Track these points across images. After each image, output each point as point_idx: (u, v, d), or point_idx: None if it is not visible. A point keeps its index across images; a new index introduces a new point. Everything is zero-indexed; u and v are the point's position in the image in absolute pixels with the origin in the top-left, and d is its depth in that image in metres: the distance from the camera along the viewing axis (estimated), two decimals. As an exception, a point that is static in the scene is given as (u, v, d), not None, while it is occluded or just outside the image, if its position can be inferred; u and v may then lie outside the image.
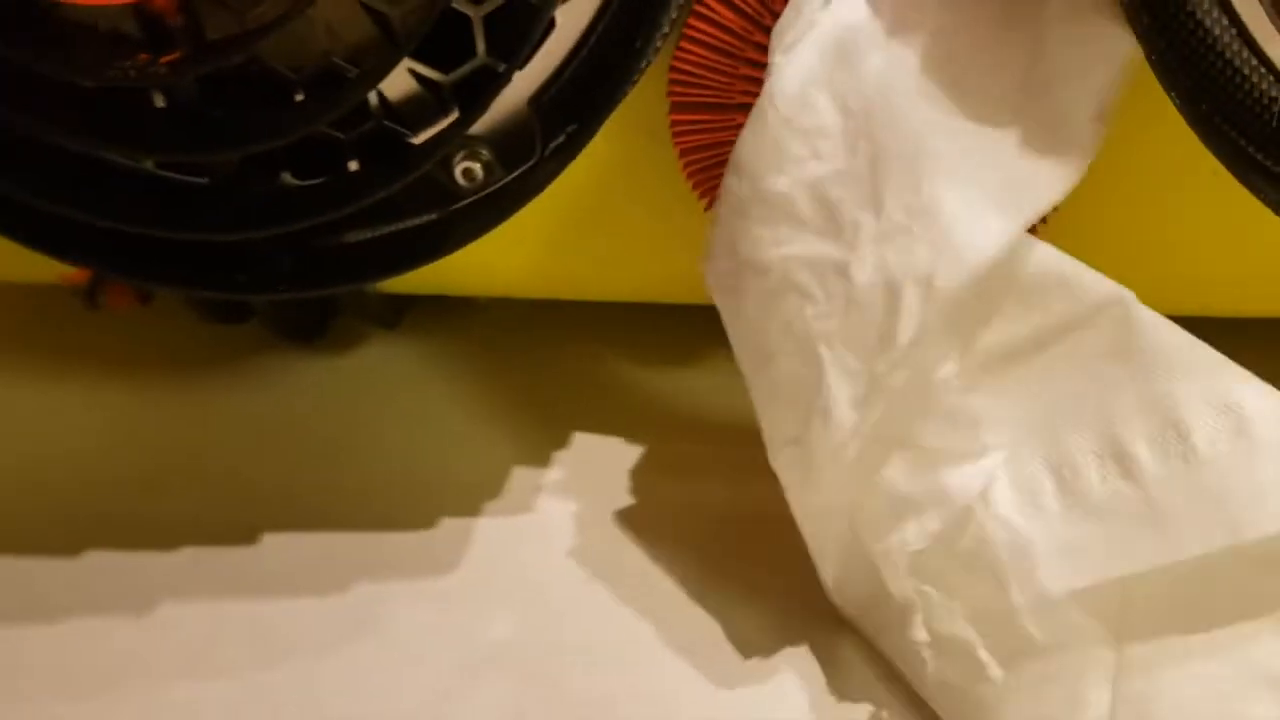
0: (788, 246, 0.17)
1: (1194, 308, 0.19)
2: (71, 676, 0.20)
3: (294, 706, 0.20)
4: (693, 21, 0.20)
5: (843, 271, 0.17)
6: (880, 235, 0.16)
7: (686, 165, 0.21)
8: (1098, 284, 0.17)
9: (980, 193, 0.16)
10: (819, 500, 0.18)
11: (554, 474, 0.24)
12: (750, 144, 0.17)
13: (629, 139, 0.22)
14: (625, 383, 0.23)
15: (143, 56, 0.18)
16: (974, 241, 0.16)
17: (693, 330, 0.24)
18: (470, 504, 0.24)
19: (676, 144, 0.21)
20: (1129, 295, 0.17)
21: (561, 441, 0.25)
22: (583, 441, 0.25)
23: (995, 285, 0.17)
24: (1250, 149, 0.18)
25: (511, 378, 0.27)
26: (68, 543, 0.23)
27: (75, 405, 0.27)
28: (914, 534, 0.17)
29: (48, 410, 0.27)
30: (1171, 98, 0.18)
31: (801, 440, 0.17)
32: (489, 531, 0.23)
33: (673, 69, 0.21)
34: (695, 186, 0.22)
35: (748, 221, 0.17)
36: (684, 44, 0.20)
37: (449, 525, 0.23)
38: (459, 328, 0.29)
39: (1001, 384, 0.17)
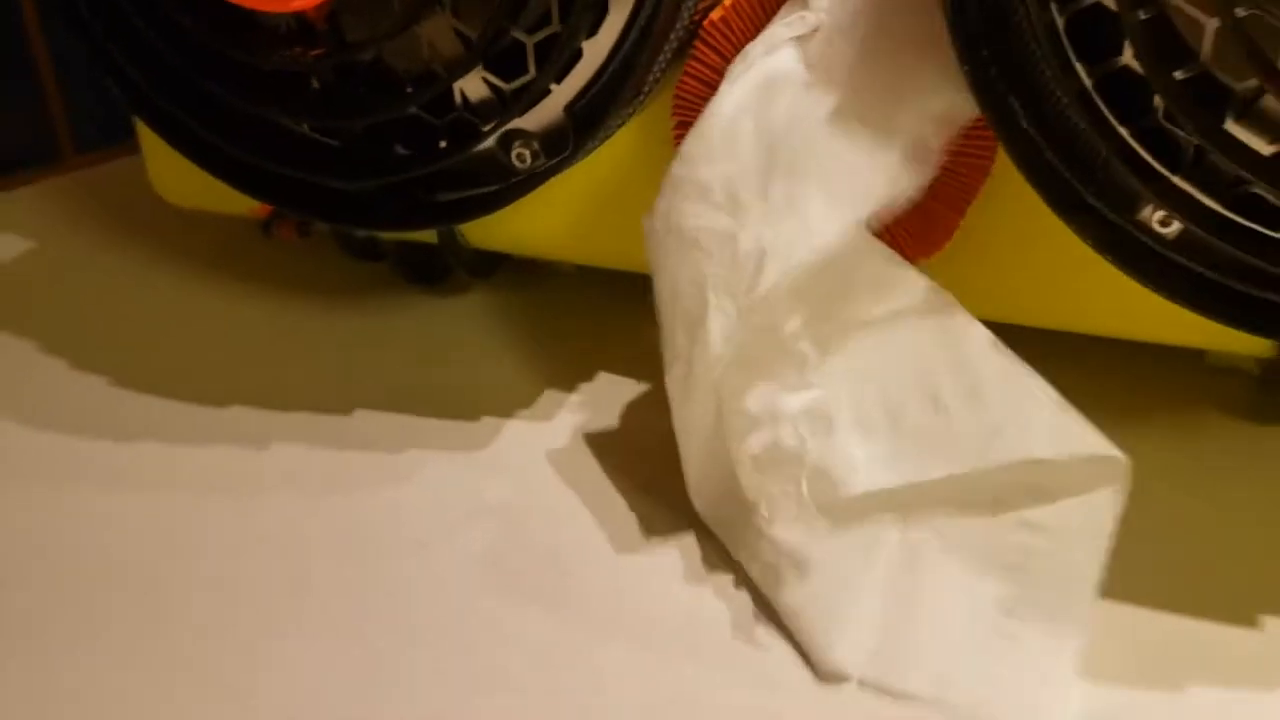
0: (701, 219, 0.24)
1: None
2: (230, 486, 0.29)
3: (347, 515, 0.28)
4: (690, 63, 0.27)
5: (733, 239, 0.23)
6: (762, 217, 0.23)
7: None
8: (921, 283, 0.23)
9: (836, 197, 0.23)
10: (690, 412, 0.25)
11: (574, 398, 0.32)
12: (691, 142, 0.24)
13: (646, 142, 0.29)
14: (646, 339, 0.30)
15: (297, 50, 0.27)
16: (823, 229, 0.23)
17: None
18: (507, 408, 0.31)
19: (676, 148, 0.28)
20: (952, 298, 0.23)
21: (588, 376, 0.33)
22: (604, 379, 0.32)
23: (843, 268, 0.23)
24: (1084, 192, 0.24)
25: (564, 325, 0.34)
26: (236, 399, 0.32)
27: (245, 310, 0.36)
28: (756, 442, 0.24)
29: (227, 313, 0.36)
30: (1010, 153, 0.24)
31: (686, 361, 0.24)
32: (514, 427, 0.31)
33: (675, 95, 0.28)
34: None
35: (679, 197, 0.24)
36: (683, 78, 0.28)
37: (488, 420, 0.31)
38: (537, 286, 0.37)
39: (851, 344, 0.24)
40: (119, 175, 0.44)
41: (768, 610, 0.24)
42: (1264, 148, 0.22)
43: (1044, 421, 0.22)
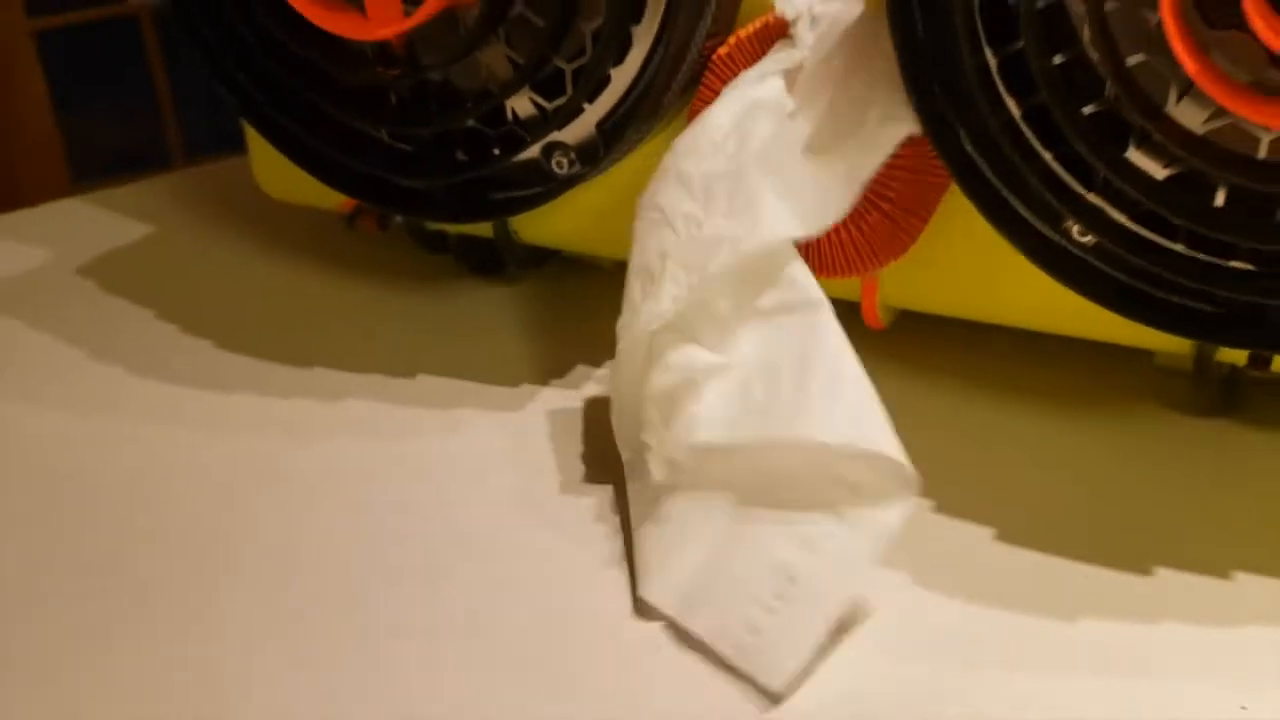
0: (678, 204, 0.29)
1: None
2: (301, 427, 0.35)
3: (407, 456, 0.34)
4: (700, 89, 0.33)
5: (699, 224, 0.28)
6: (726, 212, 0.28)
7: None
8: (808, 286, 0.28)
9: (788, 207, 0.28)
10: (625, 352, 0.29)
11: (600, 371, 0.37)
12: (683, 139, 0.30)
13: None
14: None
15: (379, 69, 0.33)
16: (772, 231, 0.28)
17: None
18: (544, 377, 0.37)
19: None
20: (825, 302, 0.28)
21: (613, 353, 0.38)
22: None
23: (773, 265, 0.28)
24: (1017, 207, 0.29)
25: (597, 310, 0.39)
26: (320, 361, 0.38)
27: (331, 289, 0.42)
28: (658, 384, 0.28)
29: (315, 291, 0.42)
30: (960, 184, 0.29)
31: (634, 311, 0.29)
32: (548, 393, 0.36)
33: (688, 115, 0.33)
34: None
35: (664, 182, 0.29)
36: (695, 101, 0.33)
37: (526, 386, 0.37)
38: (576, 278, 0.42)
39: (747, 328, 0.28)
40: (226, 173, 0.51)
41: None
42: (1159, 172, 0.27)
43: (846, 415, 0.26)
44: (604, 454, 0.33)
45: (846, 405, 0.26)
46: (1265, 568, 0.28)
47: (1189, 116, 0.26)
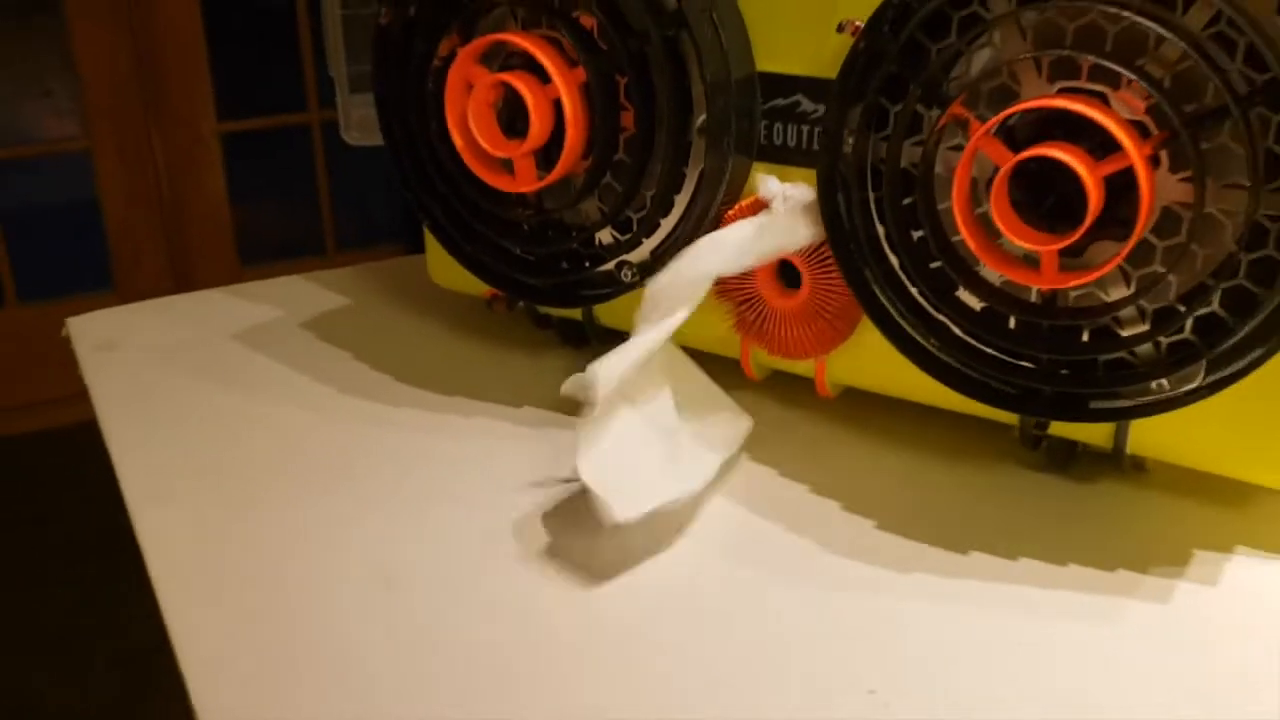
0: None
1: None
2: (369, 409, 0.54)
3: (497, 454, 0.52)
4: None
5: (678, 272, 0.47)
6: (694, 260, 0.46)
7: (719, 293, 0.52)
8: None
9: (725, 260, 0.46)
10: None
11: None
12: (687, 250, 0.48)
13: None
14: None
15: (518, 209, 0.52)
16: (708, 267, 0.46)
17: (723, 369, 0.54)
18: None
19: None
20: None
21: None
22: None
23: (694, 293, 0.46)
24: (900, 322, 0.46)
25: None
26: (459, 393, 0.57)
27: (468, 349, 0.62)
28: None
29: (460, 351, 0.62)
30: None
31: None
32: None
33: (711, 250, 0.52)
34: (719, 295, 0.52)
35: (670, 272, 0.47)
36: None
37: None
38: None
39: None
40: (405, 266, 0.71)
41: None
42: (977, 305, 0.45)
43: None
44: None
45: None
46: (1030, 578, 0.45)
47: (990, 275, 0.44)
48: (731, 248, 0.47)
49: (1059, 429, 0.48)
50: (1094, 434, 0.48)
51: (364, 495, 0.49)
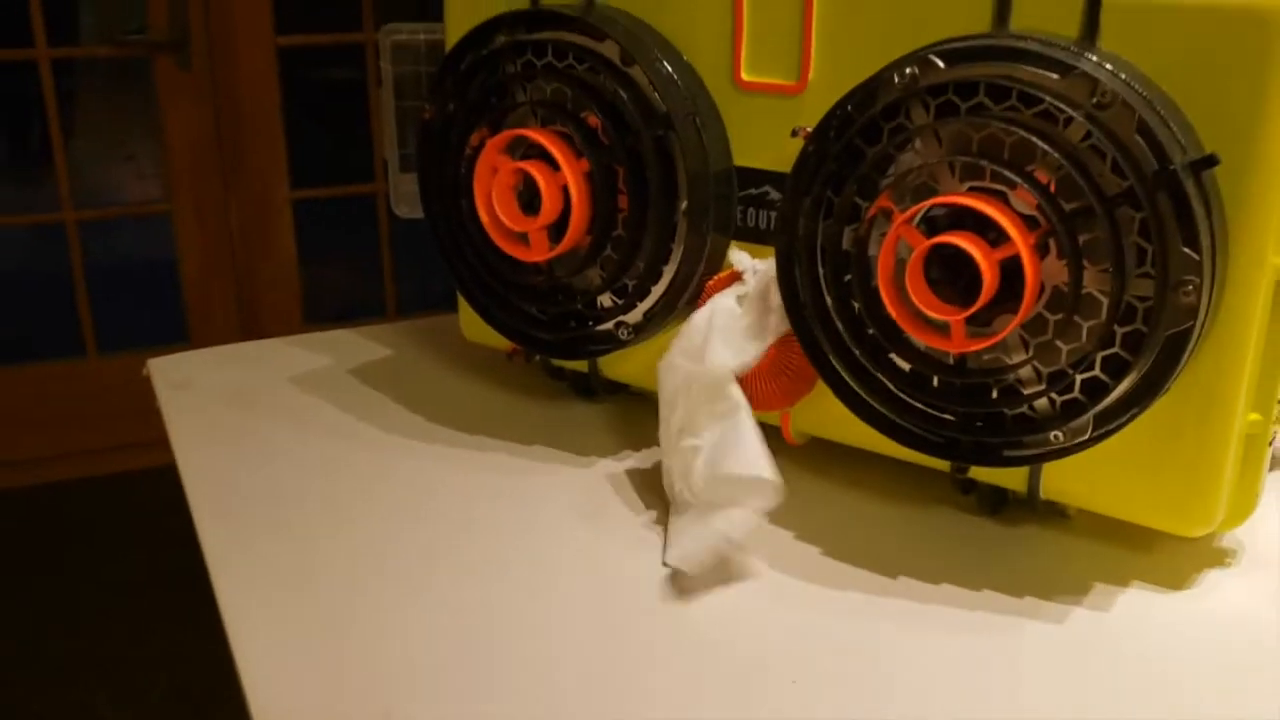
0: (681, 358, 0.56)
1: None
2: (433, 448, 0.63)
3: (507, 487, 0.61)
4: (700, 300, 0.60)
5: (689, 368, 0.55)
6: (701, 358, 0.55)
7: (701, 350, 0.61)
8: (739, 398, 0.54)
9: (731, 353, 0.55)
10: (665, 439, 0.56)
11: (649, 450, 0.64)
12: (684, 329, 0.57)
13: (682, 336, 0.62)
14: None
15: (533, 275, 0.62)
16: (721, 363, 0.54)
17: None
18: (616, 452, 0.64)
19: (696, 341, 0.61)
20: (746, 405, 0.54)
21: (652, 442, 0.65)
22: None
23: (719, 385, 0.55)
24: (845, 379, 0.55)
25: (648, 419, 0.66)
26: (484, 432, 0.66)
27: (494, 395, 0.71)
28: (676, 458, 0.55)
29: (486, 395, 0.71)
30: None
31: (667, 420, 0.56)
32: (618, 461, 0.63)
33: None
34: (701, 357, 0.61)
35: (675, 350, 0.56)
36: (697, 306, 0.60)
37: (604, 459, 0.64)
38: (643, 402, 0.69)
39: (713, 422, 0.55)
40: (441, 324, 0.81)
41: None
42: (905, 366, 0.53)
43: (746, 458, 0.52)
44: (657, 489, 0.59)
45: (748, 452, 0.53)
46: (948, 600, 0.53)
47: (916, 341, 0.52)
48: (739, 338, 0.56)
49: (982, 475, 0.56)
50: (1012, 479, 0.55)
51: (395, 518, 0.58)
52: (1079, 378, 0.49)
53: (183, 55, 2.22)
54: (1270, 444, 0.52)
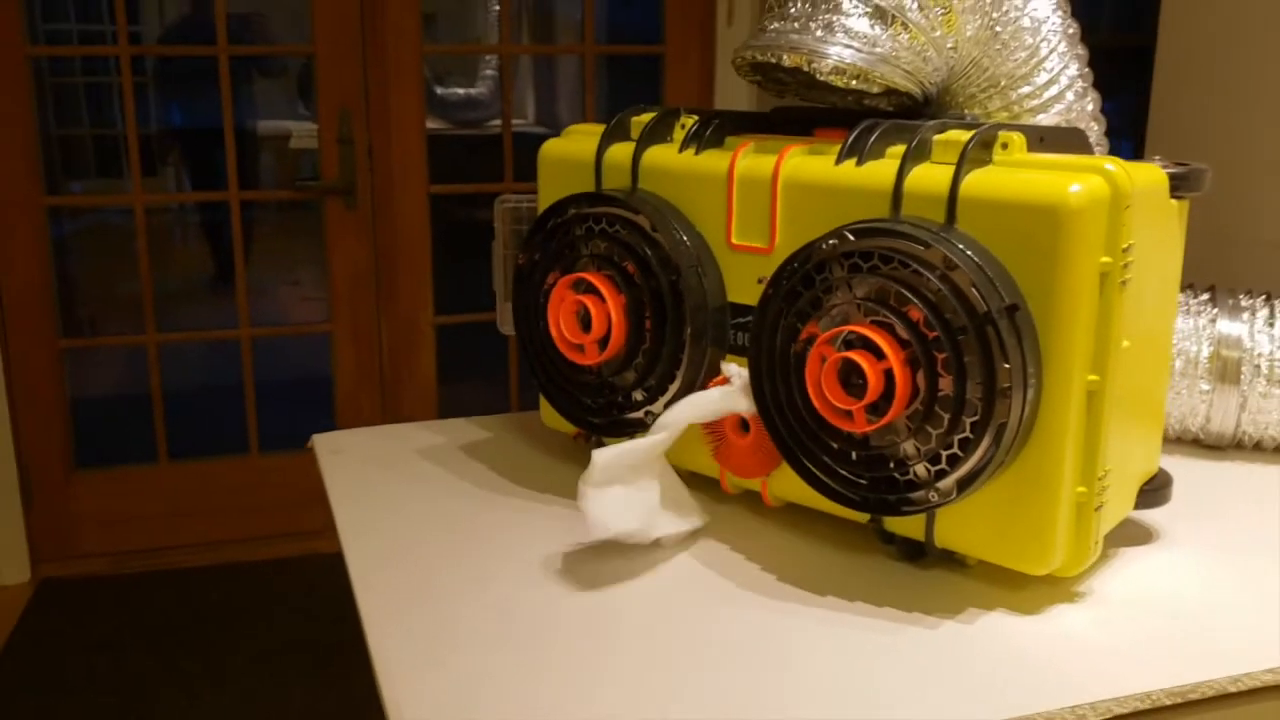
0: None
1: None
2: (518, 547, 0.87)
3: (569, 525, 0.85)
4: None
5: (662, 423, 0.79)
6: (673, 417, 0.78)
7: (706, 433, 0.84)
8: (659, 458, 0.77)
9: (695, 415, 0.78)
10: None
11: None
12: (681, 403, 0.80)
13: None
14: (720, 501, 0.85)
15: (586, 375, 0.87)
16: (677, 419, 0.77)
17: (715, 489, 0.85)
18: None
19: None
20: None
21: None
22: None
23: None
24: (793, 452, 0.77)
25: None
26: (550, 491, 0.90)
27: (561, 462, 0.95)
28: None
29: (556, 465, 0.95)
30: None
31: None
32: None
33: (700, 407, 0.84)
34: (706, 435, 0.84)
35: (668, 413, 0.80)
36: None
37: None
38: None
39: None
40: (528, 417, 1.06)
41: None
42: (833, 444, 0.75)
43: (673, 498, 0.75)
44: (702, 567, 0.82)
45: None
46: (856, 612, 0.74)
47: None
48: (702, 407, 0.80)
49: (897, 528, 0.77)
50: (916, 531, 0.76)
51: (499, 555, 0.82)
52: (943, 453, 0.71)
53: (350, 198, 2.59)
54: (1097, 510, 0.73)
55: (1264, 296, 1.00)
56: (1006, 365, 0.67)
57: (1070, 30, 0.88)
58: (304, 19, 2.49)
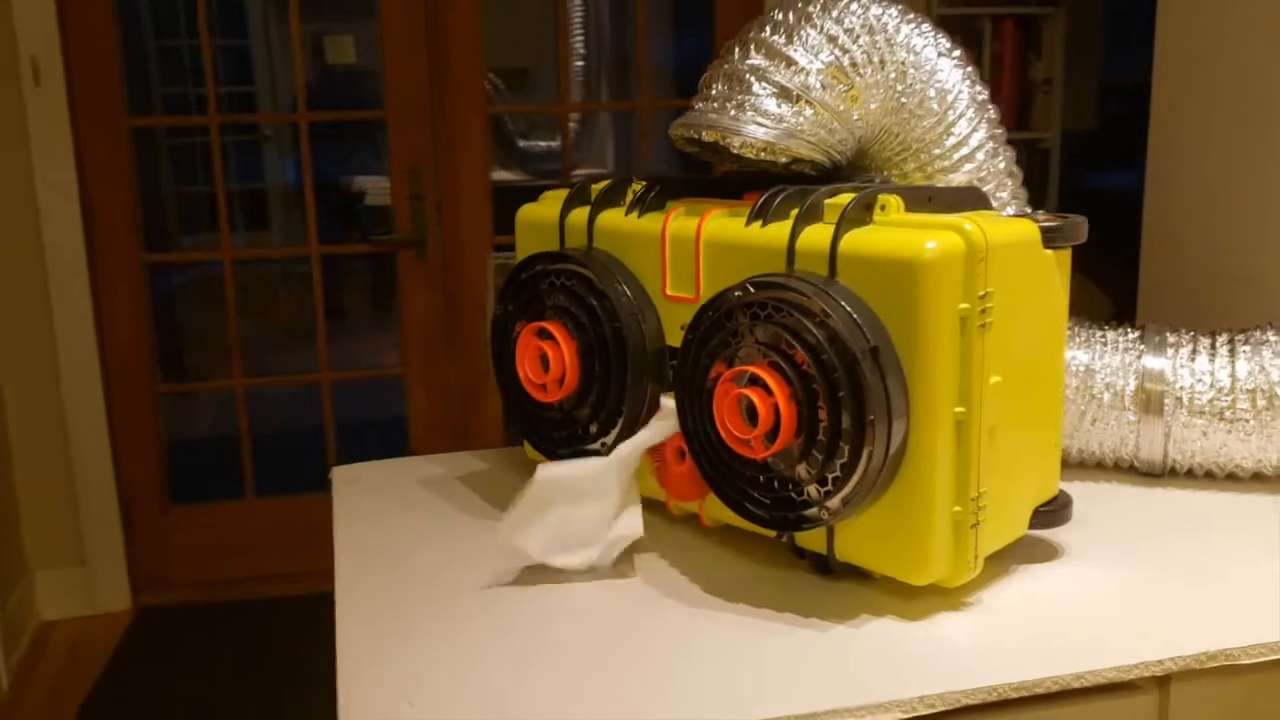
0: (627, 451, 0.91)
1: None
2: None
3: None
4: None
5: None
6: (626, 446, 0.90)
7: (651, 458, 0.95)
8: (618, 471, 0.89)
9: (639, 443, 0.89)
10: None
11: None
12: (624, 444, 0.92)
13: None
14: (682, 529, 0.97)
15: (549, 411, 0.99)
16: (637, 444, 0.89)
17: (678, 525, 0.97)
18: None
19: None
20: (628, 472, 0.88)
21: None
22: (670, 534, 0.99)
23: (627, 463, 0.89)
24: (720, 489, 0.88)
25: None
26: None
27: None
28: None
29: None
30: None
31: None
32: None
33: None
34: (652, 460, 0.95)
35: (620, 447, 0.91)
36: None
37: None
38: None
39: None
40: (519, 451, 1.18)
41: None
42: (744, 470, 0.86)
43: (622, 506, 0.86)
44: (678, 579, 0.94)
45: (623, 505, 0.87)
46: (760, 616, 0.84)
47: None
48: (636, 440, 0.91)
49: (805, 544, 0.87)
50: (819, 545, 0.87)
51: (463, 565, 0.95)
52: (829, 475, 0.81)
53: (421, 251, 2.76)
54: (973, 528, 0.82)
55: (1190, 334, 1.08)
56: (871, 399, 0.77)
57: (980, 97, 0.98)
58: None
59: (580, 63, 4.38)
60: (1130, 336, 1.08)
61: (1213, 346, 1.06)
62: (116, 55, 2.56)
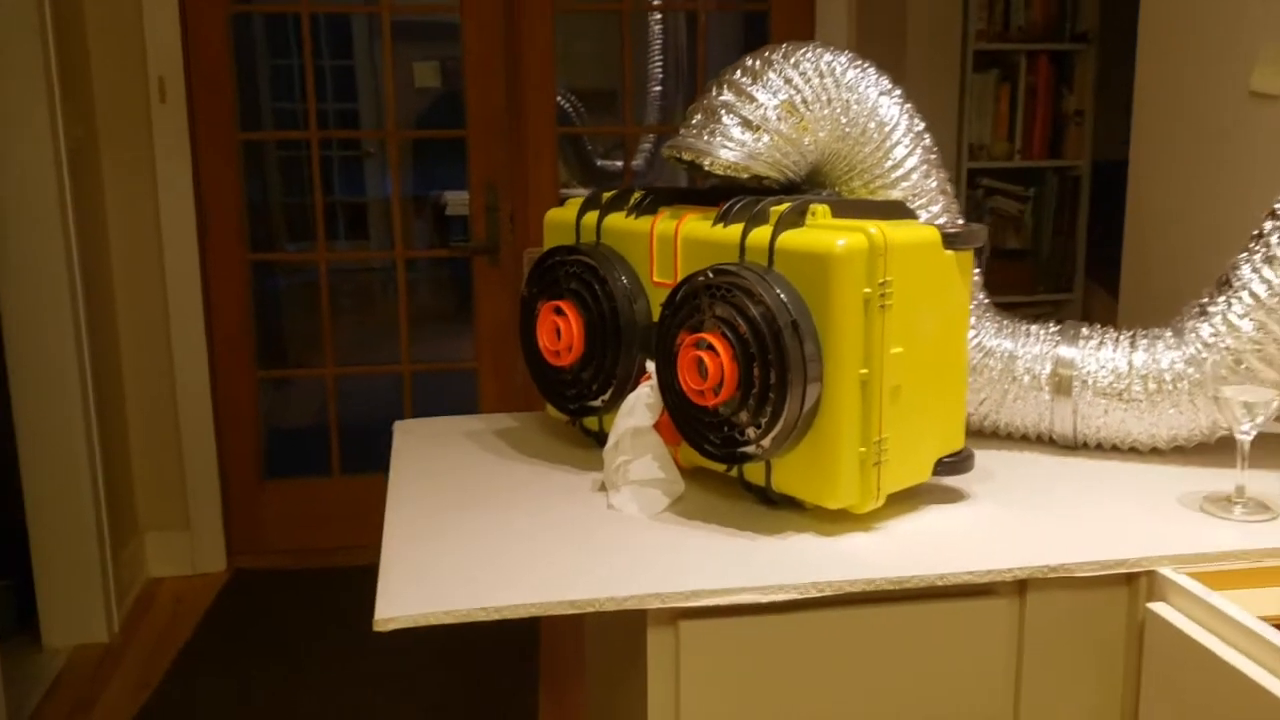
0: (621, 422, 1.15)
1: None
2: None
3: (557, 485, 1.22)
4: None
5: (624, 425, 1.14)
6: (626, 417, 1.14)
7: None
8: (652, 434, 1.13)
9: (640, 415, 1.13)
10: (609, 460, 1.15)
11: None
12: (626, 402, 1.16)
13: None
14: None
15: (564, 372, 1.24)
16: (640, 419, 1.13)
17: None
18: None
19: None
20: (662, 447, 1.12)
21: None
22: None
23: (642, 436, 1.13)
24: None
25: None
26: (556, 462, 1.28)
27: (553, 443, 1.32)
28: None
29: (549, 446, 1.32)
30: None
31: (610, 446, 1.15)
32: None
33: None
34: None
35: (619, 413, 1.15)
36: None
37: (595, 473, 1.24)
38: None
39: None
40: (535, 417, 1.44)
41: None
42: (703, 417, 1.09)
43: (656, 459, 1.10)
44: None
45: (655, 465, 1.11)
46: (712, 530, 1.08)
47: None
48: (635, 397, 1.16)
49: (751, 479, 1.11)
50: (759, 478, 1.10)
51: (512, 496, 1.20)
52: (762, 420, 1.04)
53: (494, 256, 3.04)
54: (875, 465, 1.05)
55: (1104, 329, 1.29)
56: (792, 361, 1.01)
57: (917, 128, 1.21)
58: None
59: (658, 87, 4.64)
60: (1051, 330, 1.29)
61: (1117, 340, 1.26)
62: (231, 75, 2.89)
